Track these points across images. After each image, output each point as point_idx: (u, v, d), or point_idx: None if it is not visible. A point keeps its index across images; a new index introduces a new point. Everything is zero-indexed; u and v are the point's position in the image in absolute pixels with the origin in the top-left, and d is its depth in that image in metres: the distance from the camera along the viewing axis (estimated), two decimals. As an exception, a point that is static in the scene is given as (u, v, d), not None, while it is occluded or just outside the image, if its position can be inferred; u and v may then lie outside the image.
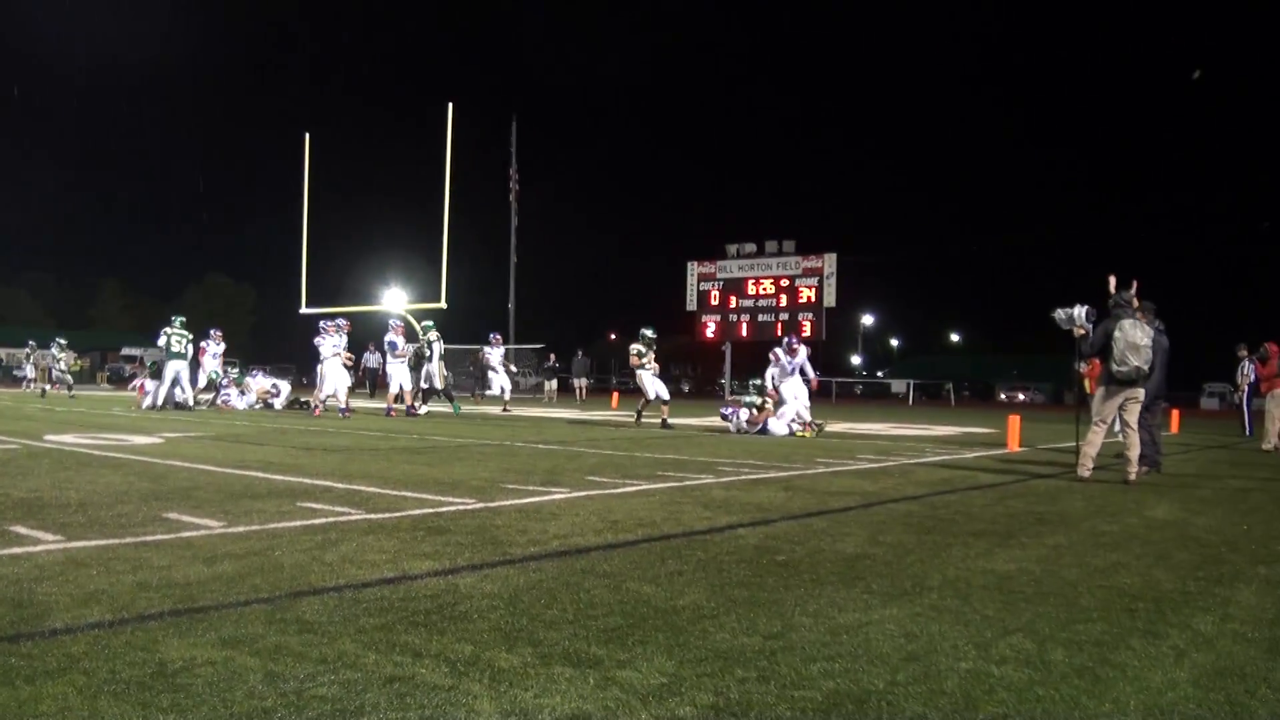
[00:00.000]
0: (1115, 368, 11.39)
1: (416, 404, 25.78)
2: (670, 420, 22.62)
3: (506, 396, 31.65)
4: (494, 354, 32.48)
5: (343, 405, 24.49)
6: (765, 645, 4.23)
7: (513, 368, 32.59)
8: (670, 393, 23.15)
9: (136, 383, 30.01)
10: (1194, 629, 4.74)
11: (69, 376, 39.69)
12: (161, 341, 26.15)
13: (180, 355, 26.13)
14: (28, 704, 3.32)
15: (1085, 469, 11.67)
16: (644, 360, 22.52)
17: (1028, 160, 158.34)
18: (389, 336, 25.81)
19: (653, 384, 22.42)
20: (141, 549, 6.08)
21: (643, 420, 23.19)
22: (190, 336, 26.62)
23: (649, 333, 22.92)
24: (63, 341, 40.82)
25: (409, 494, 8.95)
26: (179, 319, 27.03)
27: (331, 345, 24.62)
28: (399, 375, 25.71)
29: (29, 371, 48.02)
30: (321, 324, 25.48)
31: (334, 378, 24.54)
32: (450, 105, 28.72)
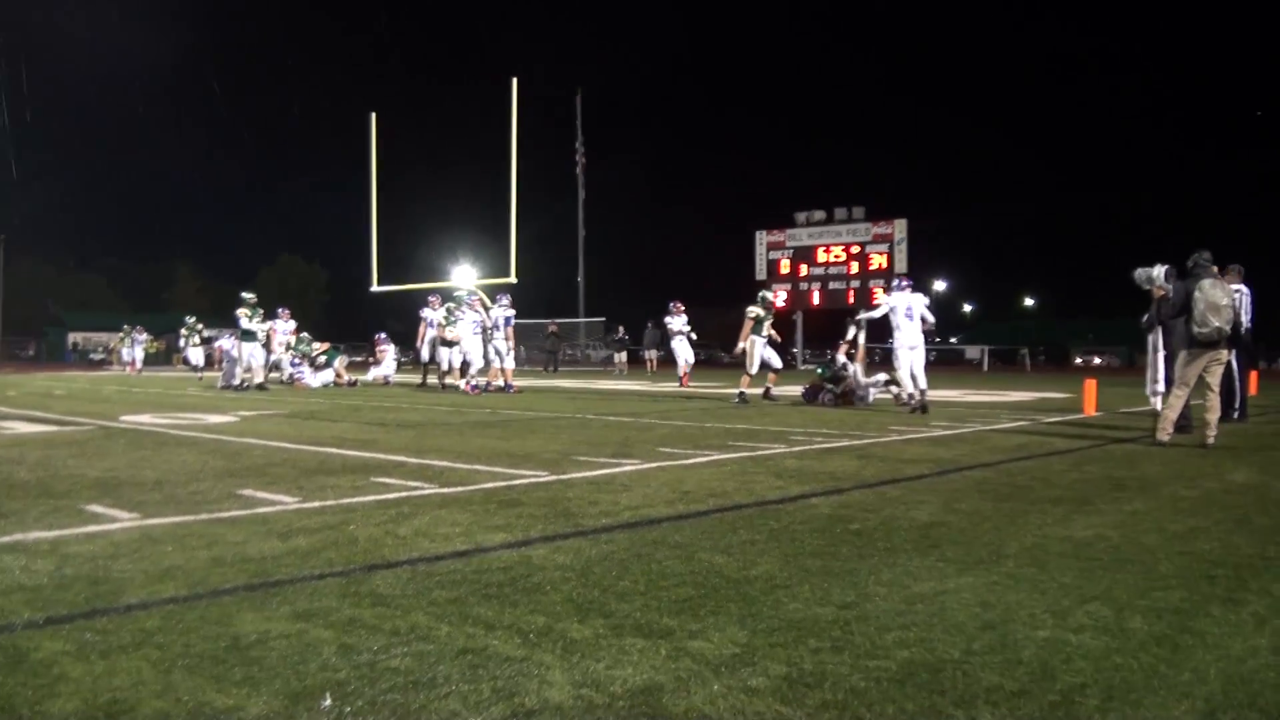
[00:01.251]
0: (1196, 329, 11.15)
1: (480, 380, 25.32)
2: (755, 392, 20.74)
3: (686, 369, 29.09)
4: (675, 322, 30.23)
5: (476, 382, 24.40)
6: (839, 615, 4.19)
7: (692, 335, 30.04)
8: (736, 362, 21.95)
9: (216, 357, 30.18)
10: (1275, 595, 4.64)
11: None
12: (243, 323, 26.00)
13: (252, 335, 25.97)
14: (102, 678, 3.36)
15: (1165, 433, 11.47)
16: (762, 326, 20.75)
17: (1104, 118, 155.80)
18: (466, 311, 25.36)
19: (765, 352, 20.67)
20: (216, 525, 6.15)
21: (766, 395, 20.73)
22: (262, 314, 26.55)
23: (769, 295, 21.84)
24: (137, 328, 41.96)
25: (481, 467, 8.98)
26: (249, 296, 26.57)
27: (472, 321, 24.48)
28: (473, 350, 24.97)
29: (128, 355, 48.69)
30: (467, 298, 25.44)
31: (475, 353, 24.53)
32: (514, 80, 28.75)
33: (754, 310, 20.83)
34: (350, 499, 7.17)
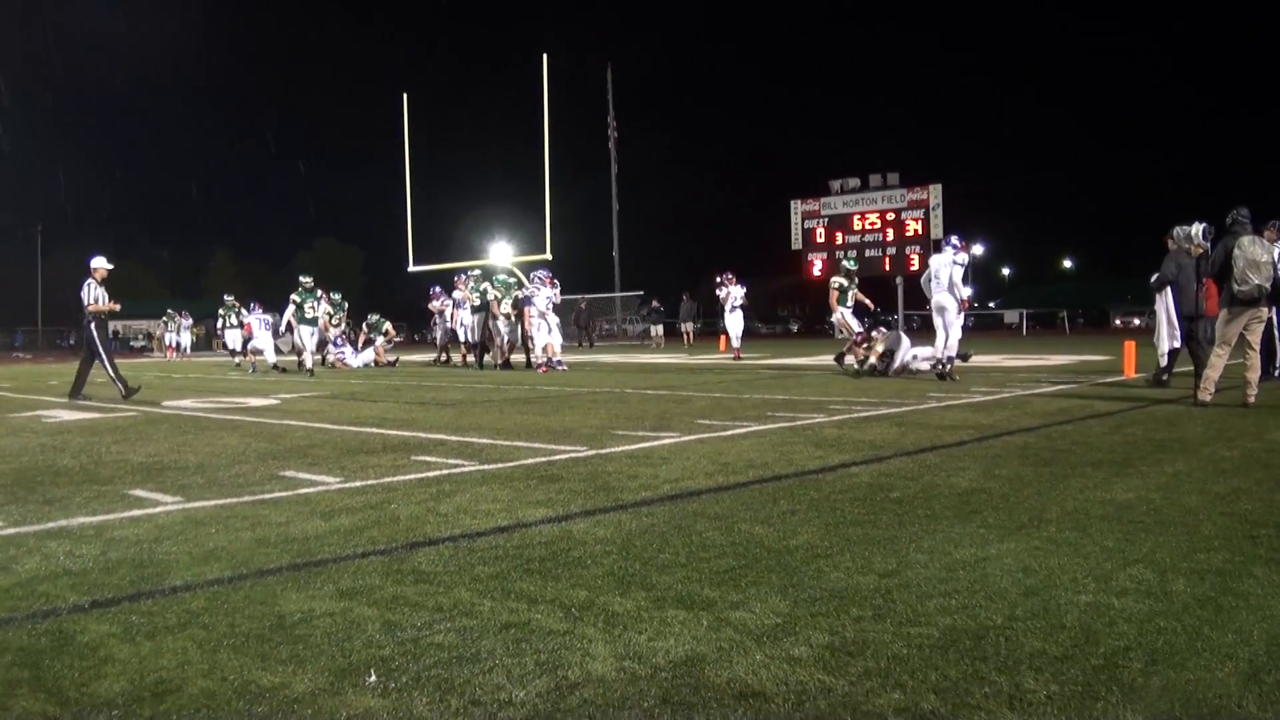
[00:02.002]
0: (1237, 287, 11.04)
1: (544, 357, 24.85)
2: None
3: (737, 342, 29.42)
4: (736, 291, 29.52)
5: (557, 357, 24.04)
6: (880, 583, 4.19)
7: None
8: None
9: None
10: (1322, 554, 4.61)
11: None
12: (290, 310, 25.83)
13: (310, 321, 25.64)
14: (149, 659, 3.40)
15: (1206, 394, 11.37)
16: (847, 295, 20.56)
17: (1140, 78, 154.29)
18: (533, 290, 24.67)
19: (855, 321, 20.49)
20: (259, 507, 6.20)
21: (859, 365, 18.79)
22: (319, 296, 26.26)
23: (850, 264, 21.49)
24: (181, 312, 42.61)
25: (521, 444, 9.01)
26: (307, 280, 26.09)
27: (545, 298, 24.24)
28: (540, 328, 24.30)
29: (175, 339, 49.07)
30: (535, 276, 25.11)
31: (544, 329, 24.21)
32: (545, 56, 28.71)
33: (837, 280, 20.85)
34: (391, 478, 7.22)
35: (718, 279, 29.82)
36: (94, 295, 16.74)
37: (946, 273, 16.92)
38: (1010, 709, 2.89)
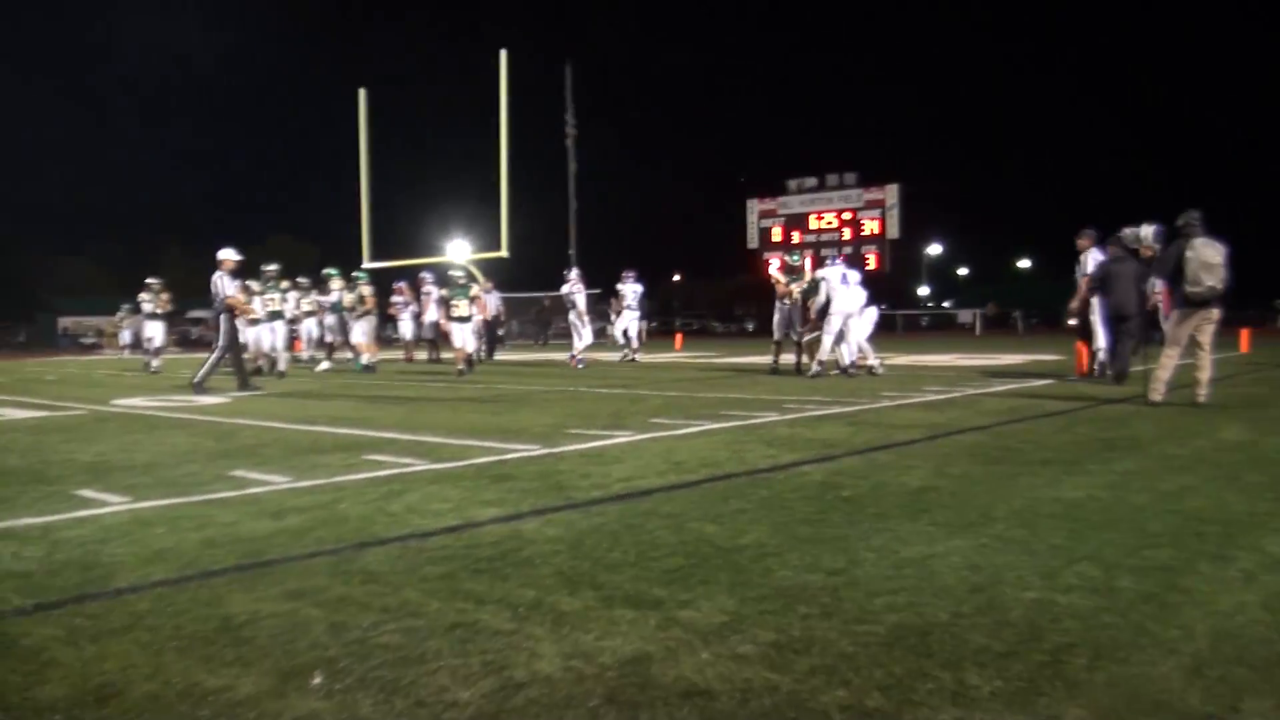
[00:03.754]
0: (1189, 289, 11.14)
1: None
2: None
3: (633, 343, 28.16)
4: (628, 290, 28.21)
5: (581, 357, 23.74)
6: (828, 581, 4.21)
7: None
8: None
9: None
10: (1264, 551, 4.66)
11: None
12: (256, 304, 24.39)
13: (276, 314, 23.18)
14: (93, 662, 3.37)
15: (1157, 393, 11.48)
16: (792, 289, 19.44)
17: (1095, 79, 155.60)
18: (570, 289, 24.32)
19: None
20: (207, 507, 6.15)
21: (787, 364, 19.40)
22: (284, 290, 24.53)
23: (790, 259, 20.68)
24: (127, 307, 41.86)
25: (473, 442, 8.98)
26: (271, 266, 23.71)
27: (582, 294, 24.17)
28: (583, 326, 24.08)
29: (127, 337, 48.25)
30: (573, 274, 24.55)
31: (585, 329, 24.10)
32: (504, 53, 28.60)
33: (787, 277, 20.15)
34: (342, 477, 7.18)
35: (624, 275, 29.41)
36: (228, 287, 17.28)
37: (854, 277, 17.98)
38: (954, 705, 2.91)
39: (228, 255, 17.43)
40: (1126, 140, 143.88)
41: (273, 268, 23.04)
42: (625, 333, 27.77)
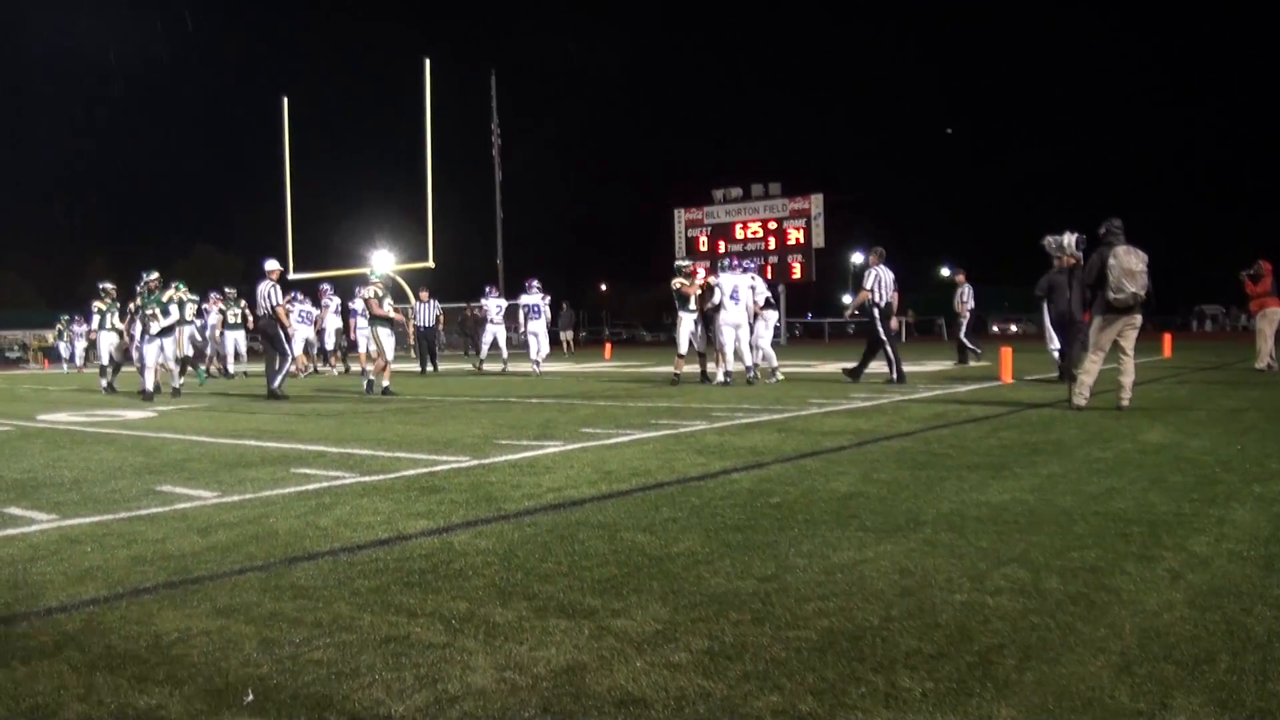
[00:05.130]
0: (1112, 295, 11.31)
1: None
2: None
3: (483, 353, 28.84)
4: (492, 305, 28.61)
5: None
6: (760, 588, 4.24)
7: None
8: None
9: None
10: (1189, 550, 4.75)
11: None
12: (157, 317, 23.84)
13: (164, 332, 21.88)
14: (24, 684, 3.32)
15: (1082, 398, 11.65)
16: (688, 301, 19.01)
17: (1012, 88, 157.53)
18: (533, 299, 25.40)
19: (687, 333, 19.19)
20: (136, 523, 6.08)
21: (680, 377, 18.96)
22: (195, 300, 24.41)
23: (682, 262, 20.27)
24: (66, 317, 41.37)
25: (403, 455, 8.94)
26: (151, 274, 20.67)
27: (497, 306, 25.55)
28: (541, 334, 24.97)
29: (66, 350, 47.05)
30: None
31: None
32: (427, 61, 28.46)
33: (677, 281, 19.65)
34: (270, 491, 7.11)
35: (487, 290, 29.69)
36: (277, 297, 18.21)
37: (744, 289, 18.36)
38: (886, 707, 2.94)
39: (274, 266, 18.29)
40: (1048, 149, 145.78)
41: (154, 276, 19.72)
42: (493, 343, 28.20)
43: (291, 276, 31.10)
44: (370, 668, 3.38)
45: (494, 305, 28.24)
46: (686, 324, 19.09)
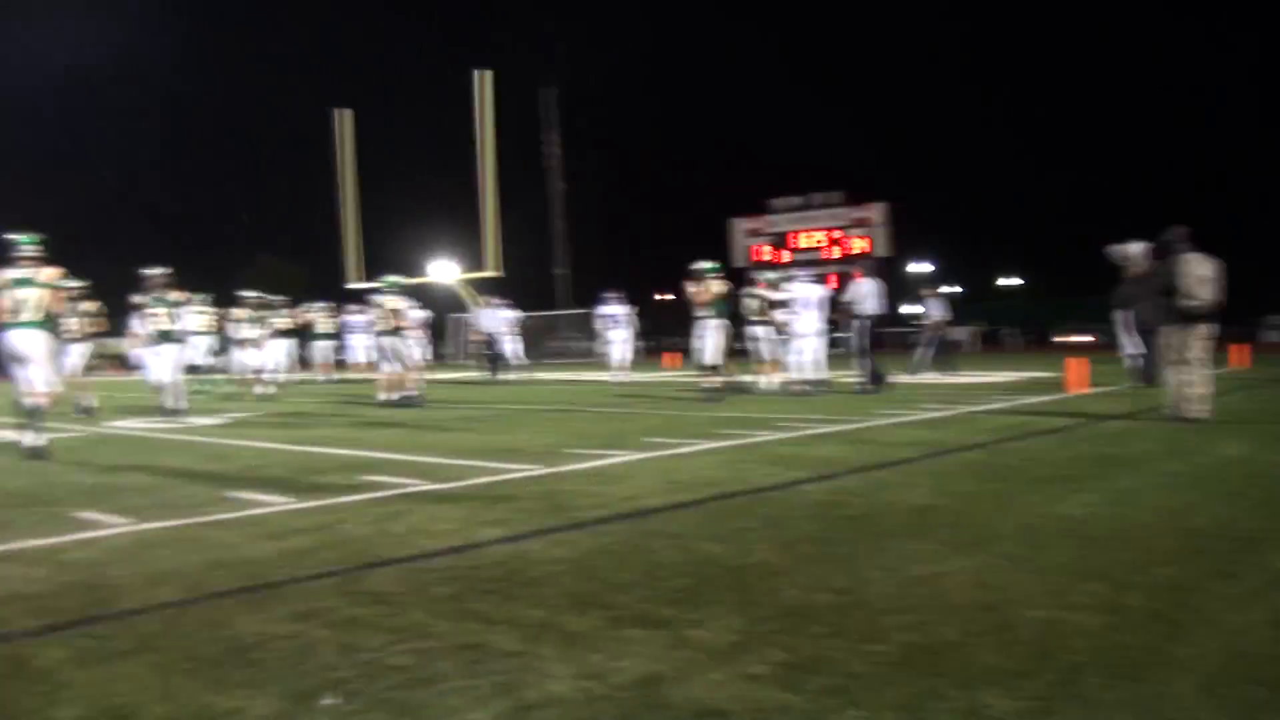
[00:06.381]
0: (1185, 303, 11.15)
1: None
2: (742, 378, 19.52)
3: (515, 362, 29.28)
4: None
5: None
6: (836, 600, 4.21)
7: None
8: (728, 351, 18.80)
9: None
10: (1271, 568, 4.66)
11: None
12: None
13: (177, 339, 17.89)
14: (104, 684, 3.36)
15: (1189, 410, 11.26)
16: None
17: (1083, 97, 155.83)
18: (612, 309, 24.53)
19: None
20: (210, 528, 6.14)
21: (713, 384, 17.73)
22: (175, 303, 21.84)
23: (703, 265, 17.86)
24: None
25: (473, 463, 8.97)
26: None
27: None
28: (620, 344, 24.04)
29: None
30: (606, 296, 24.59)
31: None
32: (486, 74, 28.66)
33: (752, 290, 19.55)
34: (343, 498, 7.16)
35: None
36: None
37: (815, 300, 18.47)
38: (970, 725, 2.91)
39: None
40: (1114, 158, 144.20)
41: (158, 272, 16.89)
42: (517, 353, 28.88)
43: (349, 285, 31.37)
44: (447, 674, 3.39)
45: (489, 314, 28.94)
46: (714, 332, 17.41)
